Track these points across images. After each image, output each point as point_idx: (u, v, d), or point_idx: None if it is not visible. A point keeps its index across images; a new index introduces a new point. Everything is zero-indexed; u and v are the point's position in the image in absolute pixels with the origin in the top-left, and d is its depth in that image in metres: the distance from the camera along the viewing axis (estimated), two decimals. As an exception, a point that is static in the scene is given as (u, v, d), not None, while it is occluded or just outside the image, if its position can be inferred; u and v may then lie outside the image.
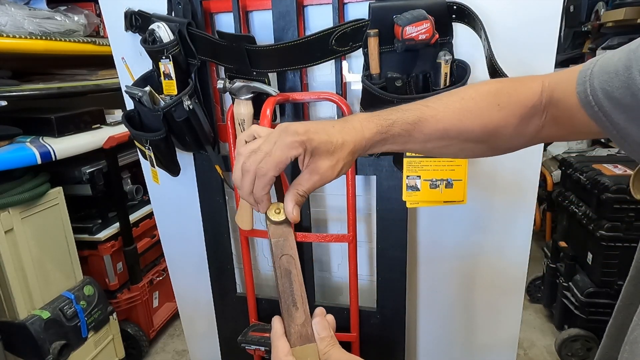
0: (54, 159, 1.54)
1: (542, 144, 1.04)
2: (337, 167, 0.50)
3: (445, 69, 0.88)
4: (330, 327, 0.50)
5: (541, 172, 1.14)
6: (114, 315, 1.84)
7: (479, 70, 0.91)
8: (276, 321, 0.51)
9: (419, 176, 0.96)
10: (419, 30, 0.83)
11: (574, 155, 2.25)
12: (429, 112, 0.53)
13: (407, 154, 0.92)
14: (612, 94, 0.42)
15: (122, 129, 1.82)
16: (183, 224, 1.37)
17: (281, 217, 0.52)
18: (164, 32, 1.01)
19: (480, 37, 0.87)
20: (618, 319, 0.49)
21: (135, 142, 1.18)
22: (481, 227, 1.15)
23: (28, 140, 1.58)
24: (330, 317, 0.52)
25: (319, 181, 0.50)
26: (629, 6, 2.18)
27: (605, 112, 0.43)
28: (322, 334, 0.49)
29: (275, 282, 0.51)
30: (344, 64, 1.06)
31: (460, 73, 0.89)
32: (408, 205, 1.01)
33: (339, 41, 0.94)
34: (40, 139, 1.59)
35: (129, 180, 2.06)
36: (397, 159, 1.02)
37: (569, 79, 0.48)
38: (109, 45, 1.22)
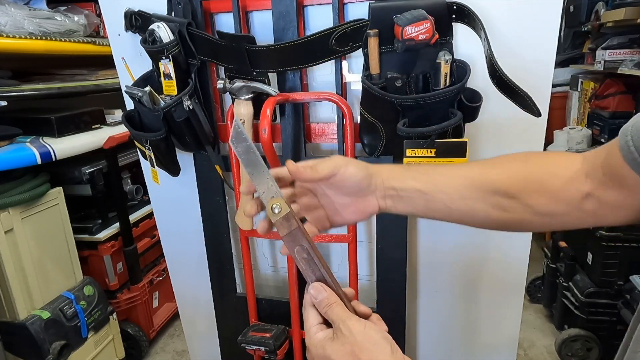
0: (54, 159, 1.54)
1: (541, 143, 1.04)
2: None
3: (445, 69, 0.88)
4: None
5: (541, 172, 1.14)
6: (114, 315, 1.84)
7: (479, 70, 0.91)
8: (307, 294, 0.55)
9: (419, 176, 0.96)
10: (419, 30, 0.83)
11: (574, 155, 2.24)
12: (448, 167, 0.58)
13: (407, 153, 0.92)
14: None
15: (122, 129, 1.82)
16: (183, 224, 1.36)
17: (282, 212, 0.53)
18: (164, 32, 1.01)
19: (480, 37, 0.87)
20: None
21: (135, 142, 1.18)
22: (481, 227, 1.15)
23: (28, 140, 1.58)
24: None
25: None
26: (629, 6, 2.17)
27: None
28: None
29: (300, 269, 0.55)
30: (344, 64, 1.06)
31: (460, 73, 0.89)
32: (408, 205, 1.01)
33: (339, 41, 0.94)
34: (40, 139, 1.59)
35: (129, 180, 2.06)
36: (397, 158, 1.02)
37: (612, 142, 0.49)
38: (109, 45, 1.22)
